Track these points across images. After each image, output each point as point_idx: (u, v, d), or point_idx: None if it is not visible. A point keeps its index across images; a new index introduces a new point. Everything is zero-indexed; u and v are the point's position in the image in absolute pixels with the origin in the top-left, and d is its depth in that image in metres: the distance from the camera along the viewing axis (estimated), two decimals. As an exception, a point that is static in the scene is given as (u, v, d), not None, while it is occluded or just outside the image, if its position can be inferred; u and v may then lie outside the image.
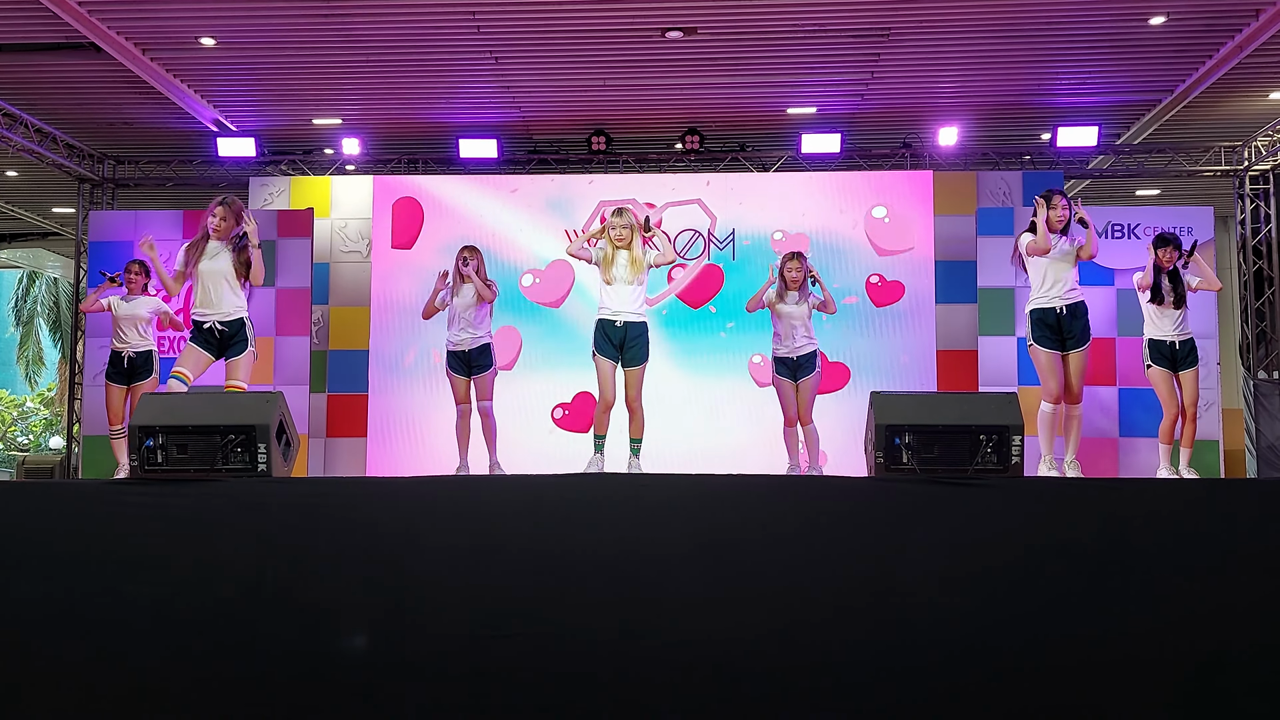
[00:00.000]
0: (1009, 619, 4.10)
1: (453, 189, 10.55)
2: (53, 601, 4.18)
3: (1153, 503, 4.36)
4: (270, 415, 4.61)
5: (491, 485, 4.76)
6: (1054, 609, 4.11)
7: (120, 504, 4.36)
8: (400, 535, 4.27)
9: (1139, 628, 4.09)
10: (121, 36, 8.41)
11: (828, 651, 4.08)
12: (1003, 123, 10.60)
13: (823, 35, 8.50)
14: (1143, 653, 4.07)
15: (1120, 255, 9.78)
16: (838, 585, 4.18)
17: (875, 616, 4.12)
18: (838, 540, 4.24)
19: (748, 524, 4.25)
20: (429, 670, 4.08)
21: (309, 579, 4.20)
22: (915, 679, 4.04)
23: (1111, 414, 9.69)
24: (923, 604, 4.12)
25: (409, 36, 8.53)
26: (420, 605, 4.15)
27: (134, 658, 4.12)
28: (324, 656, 4.11)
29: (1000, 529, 4.24)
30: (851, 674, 4.06)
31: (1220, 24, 8.23)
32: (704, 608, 4.12)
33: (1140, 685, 4.04)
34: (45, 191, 12.50)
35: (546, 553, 4.19)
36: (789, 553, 4.20)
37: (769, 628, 4.10)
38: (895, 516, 4.27)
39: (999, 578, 4.16)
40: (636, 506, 4.30)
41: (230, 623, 4.13)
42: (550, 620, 4.10)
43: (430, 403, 10.03)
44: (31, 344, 23.75)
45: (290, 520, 4.30)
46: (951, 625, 4.09)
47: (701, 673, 4.05)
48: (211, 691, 4.08)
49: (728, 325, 10.17)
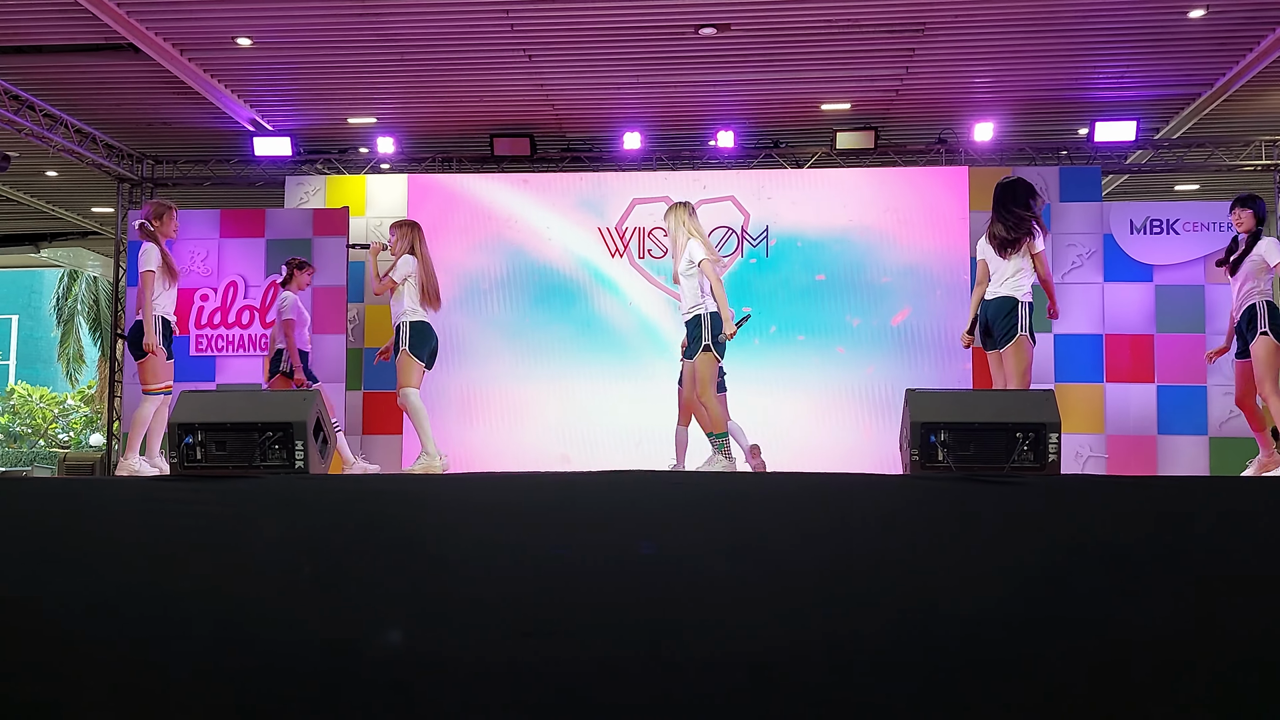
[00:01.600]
0: (1046, 618, 4.07)
1: (486, 187, 10.58)
2: (92, 597, 4.23)
3: (1192, 501, 4.31)
4: (307, 412, 4.63)
5: (527, 482, 4.77)
6: (1090, 607, 4.07)
7: (159, 501, 4.40)
8: (436, 532, 4.29)
9: (1177, 628, 4.04)
10: (160, 37, 8.50)
11: (861, 652, 4.06)
12: (1039, 118, 10.51)
13: (856, 30, 8.46)
14: (1182, 653, 4.02)
15: (1159, 251, 9.71)
16: (871, 585, 4.15)
17: (910, 616, 4.10)
18: (872, 539, 4.21)
19: (780, 523, 4.24)
20: (464, 668, 4.09)
21: (345, 575, 4.22)
22: (951, 679, 4.02)
23: (1150, 411, 9.61)
24: (959, 603, 4.09)
25: (443, 35, 8.56)
26: (455, 602, 4.16)
27: (171, 653, 4.15)
28: (359, 653, 4.13)
29: (1037, 527, 4.20)
30: (886, 675, 4.04)
31: (1260, 16, 8.12)
32: (737, 606, 4.11)
33: (1180, 686, 3.99)
34: (85, 191, 12.64)
35: (580, 549, 4.19)
36: (822, 552, 4.18)
37: (803, 627, 4.09)
38: (930, 515, 4.24)
39: (1035, 575, 4.12)
40: (667, 505, 4.30)
41: (266, 618, 4.16)
42: (585, 617, 4.10)
43: (467, 400, 10.09)
44: (72, 342, 24.06)
45: (327, 517, 4.33)
46: (987, 623, 4.06)
47: (735, 672, 4.04)
48: (246, 686, 4.11)
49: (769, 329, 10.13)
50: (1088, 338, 9.74)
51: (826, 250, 10.19)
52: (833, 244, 10.18)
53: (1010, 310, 6.20)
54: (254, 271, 10.31)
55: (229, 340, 10.26)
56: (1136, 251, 9.76)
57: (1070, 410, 9.17)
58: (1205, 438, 9.52)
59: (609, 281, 10.34)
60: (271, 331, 8.04)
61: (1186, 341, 9.50)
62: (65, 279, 23.53)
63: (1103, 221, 9.86)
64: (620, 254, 10.36)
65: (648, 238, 10.35)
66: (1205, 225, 9.73)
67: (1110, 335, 9.71)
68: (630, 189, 10.45)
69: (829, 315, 10.10)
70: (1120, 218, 9.86)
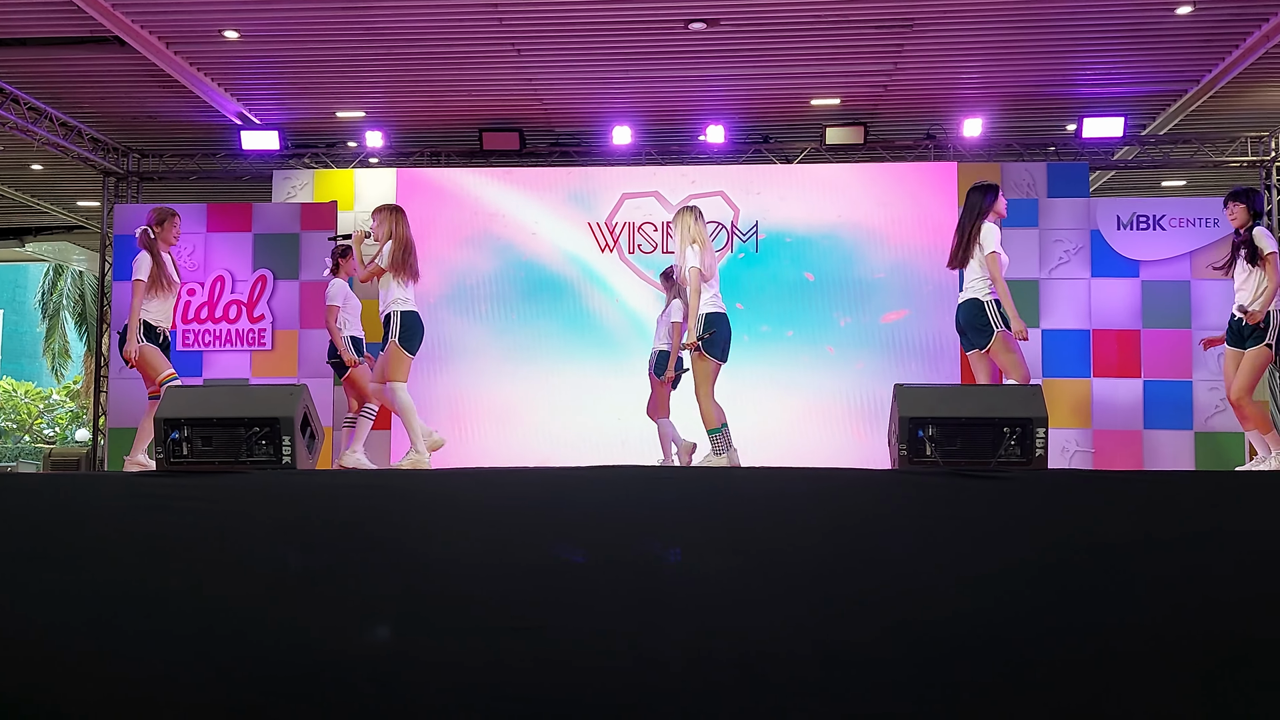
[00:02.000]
0: (1032, 611, 4.08)
1: (475, 181, 10.56)
2: (78, 593, 4.21)
3: (1177, 495, 4.32)
4: (294, 407, 4.62)
5: (512, 477, 4.76)
6: (1077, 602, 4.08)
7: (145, 496, 4.38)
8: (422, 527, 4.28)
9: (1162, 621, 4.06)
10: (146, 30, 8.46)
11: (850, 645, 4.06)
12: (1028, 114, 10.54)
13: (845, 26, 8.46)
14: (1167, 647, 4.03)
15: (1145, 247, 9.74)
16: (861, 578, 4.16)
17: (899, 609, 4.10)
18: (861, 533, 4.22)
19: (768, 516, 4.24)
20: (449, 664, 4.08)
21: (332, 571, 4.21)
22: (939, 673, 4.03)
23: (1137, 406, 9.64)
24: (946, 597, 4.10)
25: (431, 29, 8.54)
26: (442, 598, 4.16)
27: (157, 649, 4.14)
28: (345, 649, 4.12)
29: (1024, 521, 4.21)
30: (874, 668, 4.04)
31: (1247, 13, 8.15)
32: (725, 601, 4.11)
33: (1165, 679, 4.01)
34: (70, 185, 12.59)
35: (566, 544, 4.19)
36: (810, 545, 4.18)
37: (792, 621, 4.09)
38: (918, 509, 4.24)
39: (1022, 570, 4.13)
40: (654, 500, 4.29)
41: (253, 614, 4.15)
42: (571, 612, 4.10)
43: (454, 396, 10.07)
44: (58, 337, 23.98)
45: (314, 512, 4.32)
46: (975, 618, 4.07)
47: (723, 668, 4.04)
48: (233, 681, 4.10)
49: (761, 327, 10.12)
50: (1075, 333, 9.77)
51: (815, 246, 10.20)
52: (822, 240, 10.19)
53: (978, 312, 6.27)
54: (241, 266, 10.27)
55: (216, 335, 10.22)
56: (1123, 247, 9.79)
57: (1057, 405, 9.20)
58: (1191, 432, 9.56)
59: (598, 277, 10.32)
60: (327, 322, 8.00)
61: (1173, 337, 9.54)
62: (51, 273, 23.45)
63: (1090, 217, 9.89)
64: (610, 249, 10.35)
65: (637, 232, 10.34)
66: (1192, 221, 9.76)
67: (1097, 330, 9.74)
68: (619, 184, 10.44)
69: (818, 312, 10.11)
70: (1107, 213, 9.89)
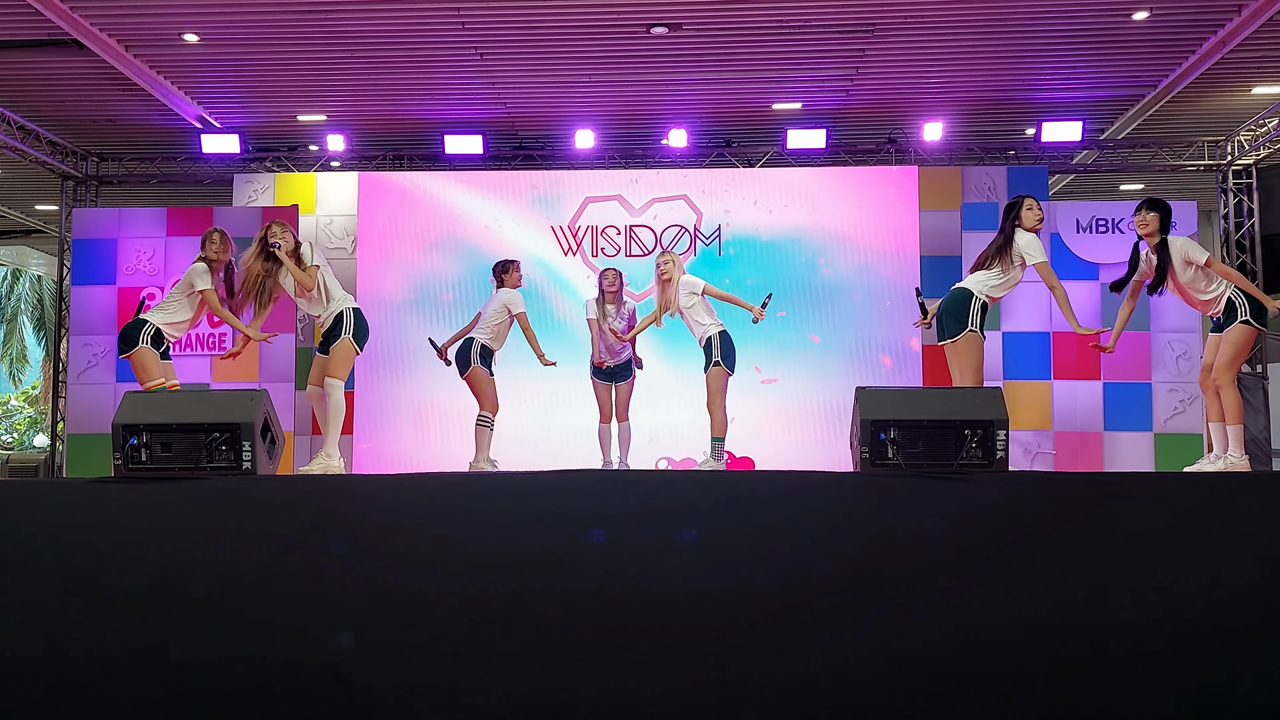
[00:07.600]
0: (996, 611, 4.11)
1: (438, 185, 10.52)
2: (36, 600, 4.16)
3: (1138, 495, 4.38)
4: (254, 413, 4.60)
5: (479, 482, 4.75)
6: (1041, 601, 4.12)
7: (104, 502, 4.34)
8: (384, 533, 4.26)
9: (1127, 620, 4.10)
10: (105, 33, 8.37)
11: (814, 645, 4.08)
12: (988, 118, 10.63)
13: (807, 30, 8.51)
14: (1134, 647, 4.07)
15: (1105, 250, 9.84)
16: (825, 580, 4.18)
17: (863, 610, 4.12)
18: (824, 535, 4.24)
19: (733, 518, 4.25)
20: (413, 665, 4.06)
21: (292, 577, 4.18)
22: (903, 673, 4.05)
23: (1097, 408, 9.74)
24: (909, 597, 4.12)
25: (393, 32, 8.51)
26: (404, 603, 4.14)
27: (115, 655, 4.10)
28: (305, 654, 4.09)
29: (985, 522, 4.25)
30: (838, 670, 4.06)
31: (1203, 19, 8.26)
32: (691, 600, 4.12)
33: (1133, 680, 4.04)
34: (29, 189, 12.44)
35: (535, 549, 4.18)
36: (775, 547, 4.20)
37: (757, 622, 4.10)
38: (881, 511, 4.27)
39: (985, 571, 4.16)
40: (624, 503, 4.30)
41: (212, 620, 4.12)
42: (539, 617, 4.09)
43: (417, 400, 10.04)
44: (15, 342, 23.68)
45: (274, 518, 4.29)
46: (938, 619, 4.10)
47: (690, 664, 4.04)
48: (191, 689, 4.06)
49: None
50: (1035, 335, 9.85)
51: (778, 250, 10.23)
52: (785, 244, 10.22)
53: (962, 303, 6.26)
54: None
55: (176, 340, 10.09)
56: (1083, 250, 9.89)
57: (1018, 407, 9.28)
58: (1150, 434, 9.67)
59: (562, 280, 10.32)
60: None
61: (1132, 339, 9.63)
62: (8, 277, 23.14)
63: (1050, 220, 9.95)
64: (573, 252, 10.35)
65: (600, 235, 10.34)
66: (1150, 224, 9.86)
67: (1058, 333, 9.83)
68: (583, 187, 10.44)
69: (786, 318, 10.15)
70: (1067, 217, 9.98)
